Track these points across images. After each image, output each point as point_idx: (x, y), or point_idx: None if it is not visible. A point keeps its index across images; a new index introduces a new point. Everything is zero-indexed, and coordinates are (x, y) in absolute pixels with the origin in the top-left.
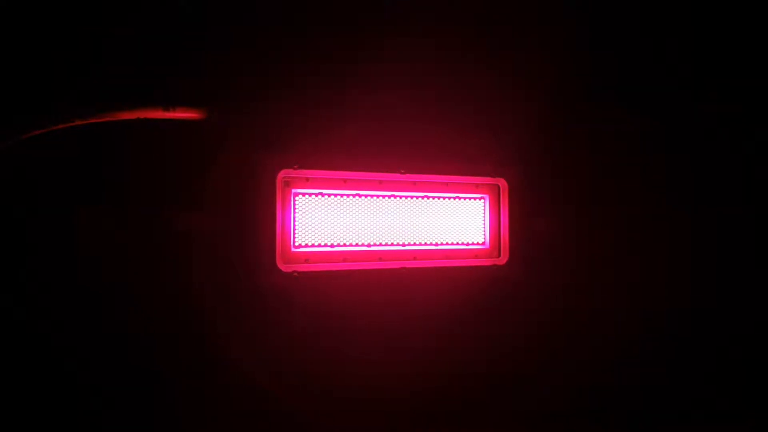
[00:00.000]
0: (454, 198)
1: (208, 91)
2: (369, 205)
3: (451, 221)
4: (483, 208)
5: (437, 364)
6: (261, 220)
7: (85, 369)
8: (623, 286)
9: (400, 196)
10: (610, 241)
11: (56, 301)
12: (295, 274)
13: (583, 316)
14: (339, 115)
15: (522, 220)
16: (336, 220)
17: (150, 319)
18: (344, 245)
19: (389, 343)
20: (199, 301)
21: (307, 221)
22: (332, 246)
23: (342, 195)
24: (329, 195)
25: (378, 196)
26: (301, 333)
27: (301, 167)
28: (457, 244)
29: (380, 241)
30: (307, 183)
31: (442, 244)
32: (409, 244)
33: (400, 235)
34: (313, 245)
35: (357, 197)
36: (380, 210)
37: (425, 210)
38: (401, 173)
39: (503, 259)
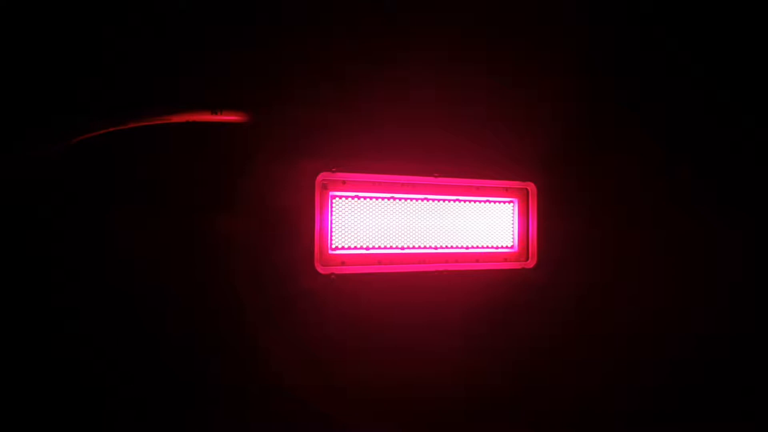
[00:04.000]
0: (485, 201)
1: (249, 95)
2: (403, 208)
3: (481, 225)
4: (512, 211)
5: (467, 365)
6: (300, 222)
7: (118, 370)
8: (653, 289)
9: (433, 199)
10: (638, 244)
11: (92, 302)
12: (333, 276)
13: (611, 319)
14: (374, 118)
15: (550, 223)
16: (371, 222)
17: (189, 321)
18: (378, 248)
19: (420, 345)
20: (237, 302)
21: (343, 224)
22: (367, 249)
23: (377, 198)
24: (365, 198)
25: (412, 199)
26: (336, 335)
27: (338, 170)
28: (487, 247)
29: (413, 244)
30: (344, 186)
31: (472, 247)
32: (441, 248)
33: (433, 238)
34: (349, 248)
35: (391, 200)
36: (414, 213)
37: (457, 213)
38: (435, 176)
39: (531, 263)
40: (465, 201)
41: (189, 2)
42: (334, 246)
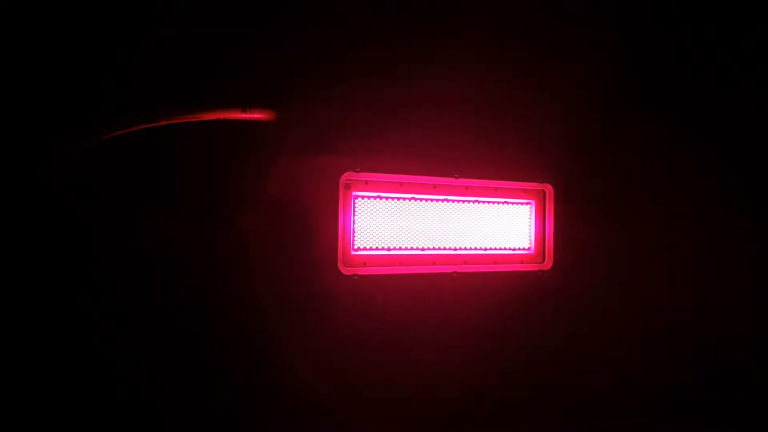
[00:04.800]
0: (503, 203)
1: (275, 94)
2: (424, 209)
3: (499, 226)
4: (529, 213)
5: (484, 366)
6: (323, 222)
7: (140, 367)
8: (670, 290)
9: (453, 200)
10: (654, 246)
11: (114, 301)
12: (356, 277)
13: (628, 321)
14: (397, 118)
15: (567, 225)
16: (392, 223)
17: (211, 320)
18: (400, 248)
19: (439, 346)
20: (260, 302)
21: (366, 224)
22: (388, 249)
23: (399, 198)
24: (387, 198)
25: (432, 200)
26: (359, 335)
27: (361, 170)
28: (504, 249)
29: (433, 245)
30: (367, 186)
31: (490, 249)
32: (460, 249)
33: (452, 239)
34: (370, 248)
35: (413, 201)
36: (434, 214)
37: (475, 214)
38: (455, 178)
39: (548, 265)
40: (483, 202)
41: (214, 3)
42: (356, 246)
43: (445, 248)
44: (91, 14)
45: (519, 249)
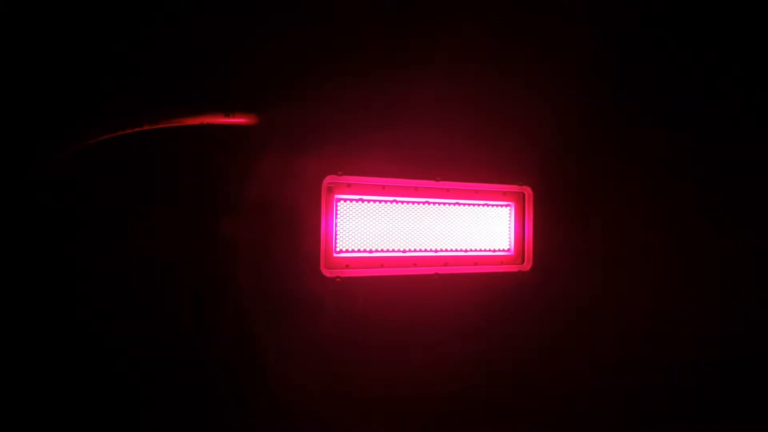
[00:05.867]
0: (483, 205)
1: (256, 97)
2: (405, 212)
3: (479, 228)
4: (509, 215)
5: (465, 368)
6: (307, 225)
7: (122, 370)
8: (650, 291)
9: (434, 203)
10: (634, 247)
11: (99, 303)
12: (338, 279)
13: (607, 323)
14: (378, 122)
15: (546, 227)
16: (375, 225)
17: (193, 324)
18: (382, 251)
19: (421, 347)
20: (242, 306)
21: (348, 227)
22: (370, 251)
23: (381, 201)
24: (369, 201)
25: (414, 203)
26: (341, 338)
27: (344, 173)
28: (485, 250)
29: (415, 247)
30: (349, 189)
31: (470, 250)
32: (441, 250)
33: (433, 241)
34: (353, 251)
35: (395, 203)
36: (415, 216)
37: (456, 216)
38: (436, 180)
39: (527, 266)
40: (464, 204)
41: (193, 5)
42: (338, 249)
43: (426, 250)
44: (69, 16)
45: (499, 250)
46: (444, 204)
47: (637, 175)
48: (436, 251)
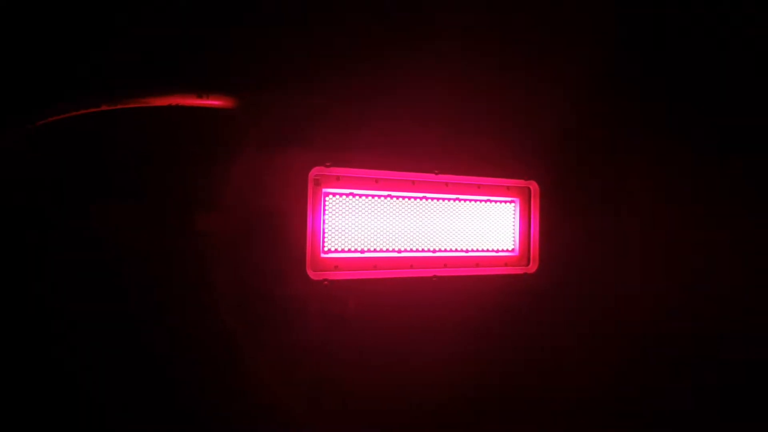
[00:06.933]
0: (485, 201)
1: (238, 80)
2: (401, 208)
3: (481, 226)
4: (514, 212)
5: (465, 375)
6: (291, 222)
7: (94, 370)
8: (665, 295)
9: (433, 198)
10: (648, 247)
11: (66, 304)
12: (326, 282)
13: (617, 328)
14: (372, 109)
15: (554, 225)
16: (367, 223)
17: (168, 331)
18: (374, 251)
19: (417, 354)
20: (220, 311)
21: (337, 224)
22: (362, 252)
23: (374, 196)
24: (361, 195)
25: (410, 198)
26: (329, 344)
27: (332, 165)
28: (487, 251)
29: (411, 246)
30: (338, 182)
31: (472, 250)
32: (440, 251)
33: (432, 240)
34: (342, 251)
35: (389, 198)
36: (412, 213)
37: (456, 214)
38: (435, 174)
39: (533, 268)
40: (465, 200)
41: None
42: (326, 249)
43: (423, 250)
44: None
45: (502, 251)
46: (443, 200)
47: (657, 169)
48: (434, 251)
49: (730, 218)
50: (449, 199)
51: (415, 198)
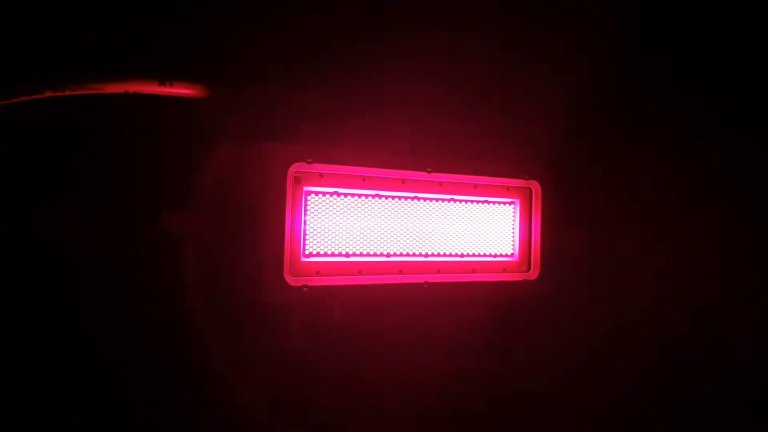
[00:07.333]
0: (483, 202)
1: (210, 67)
2: (390, 208)
3: (478, 229)
4: (513, 214)
5: (460, 390)
6: (268, 223)
7: (60, 382)
8: (672, 302)
9: (425, 199)
10: (654, 252)
11: (26, 316)
12: (306, 288)
13: (622, 338)
14: (359, 100)
15: (556, 228)
16: (352, 224)
17: (134, 341)
18: (360, 255)
19: (407, 368)
20: (190, 320)
21: (319, 226)
22: (347, 255)
23: (360, 195)
24: (346, 195)
25: (401, 198)
26: (309, 357)
27: (314, 161)
28: (484, 255)
29: (401, 250)
30: (321, 180)
31: (467, 255)
32: (433, 255)
33: (423, 244)
34: (325, 254)
35: (377, 198)
36: (402, 214)
37: (451, 215)
38: (428, 172)
39: (534, 274)
40: (460, 201)
41: None
42: (307, 252)
43: (414, 254)
44: None
45: (501, 255)
46: (436, 200)
47: (665, 169)
48: (426, 256)
49: (740, 221)
50: (443, 200)
51: (406, 198)
